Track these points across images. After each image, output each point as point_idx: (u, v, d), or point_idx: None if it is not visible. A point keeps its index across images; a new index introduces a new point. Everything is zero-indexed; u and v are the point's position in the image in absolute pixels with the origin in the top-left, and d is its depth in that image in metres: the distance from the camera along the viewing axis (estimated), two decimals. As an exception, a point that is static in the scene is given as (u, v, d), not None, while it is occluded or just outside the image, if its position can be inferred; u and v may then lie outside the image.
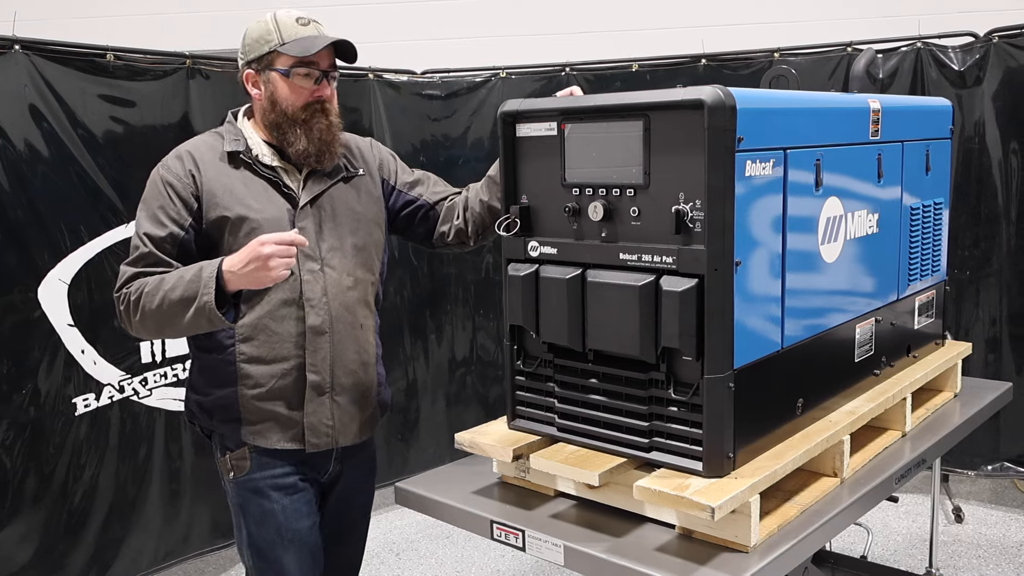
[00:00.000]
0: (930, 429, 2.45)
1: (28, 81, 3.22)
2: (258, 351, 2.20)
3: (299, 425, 2.24)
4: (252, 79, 2.23)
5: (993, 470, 4.22)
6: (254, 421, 2.22)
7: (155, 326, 2.12)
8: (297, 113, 2.19)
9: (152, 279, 2.10)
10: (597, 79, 4.61)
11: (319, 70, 2.21)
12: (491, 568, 3.95)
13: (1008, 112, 4.04)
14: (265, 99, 2.21)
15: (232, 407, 2.22)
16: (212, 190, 2.16)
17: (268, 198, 2.20)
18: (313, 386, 2.23)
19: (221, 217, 2.16)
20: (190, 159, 2.18)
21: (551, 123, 1.98)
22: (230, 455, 2.25)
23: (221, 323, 2.05)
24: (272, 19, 2.20)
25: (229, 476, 2.26)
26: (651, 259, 1.84)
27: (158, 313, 2.07)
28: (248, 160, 2.21)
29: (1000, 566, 3.75)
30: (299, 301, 2.21)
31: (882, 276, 2.37)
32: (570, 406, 2.04)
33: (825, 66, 4.29)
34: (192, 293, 2.03)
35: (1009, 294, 4.13)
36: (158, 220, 2.14)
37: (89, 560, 3.42)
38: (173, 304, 2.05)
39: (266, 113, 2.22)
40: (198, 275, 2.04)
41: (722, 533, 1.81)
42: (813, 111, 2.07)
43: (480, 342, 4.87)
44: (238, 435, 2.23)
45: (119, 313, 2.16)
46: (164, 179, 2.17)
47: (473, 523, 2.06)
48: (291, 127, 2.19)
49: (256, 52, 2.21)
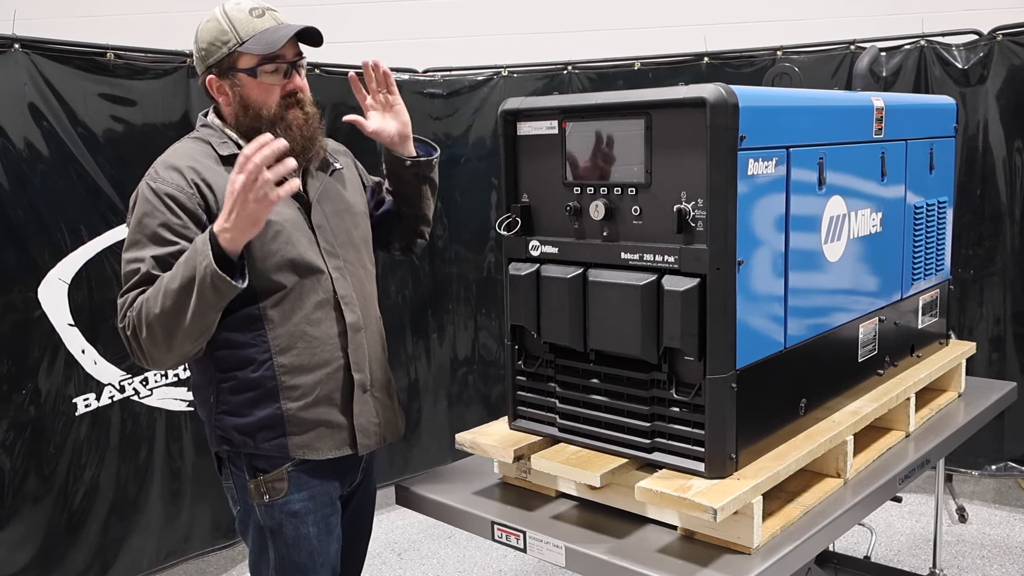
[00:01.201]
0: (934, 429, 2.44)
1: (28, 80, 3.21)
2: (299, 359, 2.07)
3: (348, 429, 2.14)
4: (216, 84, 2.08)
5: (997, 470, 4.20)
6: (302, 433, 2.09)
7: (164, 332, 1.90)
8: (274, 112, 2.06)
9: (151, 288, 1.92)
10: (599, 77, 4.60)
11: (286, 62, 2.08)
12: (493, 568, 3.94)
13: (1012, 110, 4.02)
14: (235, 104, 2.07)
15: (278, 424, 2.07)
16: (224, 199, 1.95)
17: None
18: (359, 385, 2.15)
19: None
20: (189, 169, 2.01)
21: (552, 121, 1.97)
22: (264, 478, 2.09)
23: (230, 288, 1.85)
24: (223, 16, 2.05)
25: (264, 500, 2.10)
26: (653, 258, 1.83)
27: (163, 315, 1.87)
28: None
29: (1004, 566, 3.73)
30: (334, 300, 2.11)
31: (886, 275, 2.36)
32: (571, 406, 2.03)
33: (828, 64, 4.28)
34: (191, 271, 1.84)
35: (1013, 293, 4.11)
36: (161, 238, 1.95)
37: (90, 560, 3.42)
38: (175, 293, 1.85)
39: (239, 118, 2.08)
40: (192, 251, 1.87)
41: (724, 534, 1.80)
42: (816, 109, 2.05)
43: (482, 341, 4.86)
44: (284, 452, 2.08)
45: (128, 344, 1.96)
46: (163, 192, 1.97)
47: (474, 524, 2.05)
48: (270, 128, 2.02)
49: (215, 56, 2.05)
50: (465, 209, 4.66)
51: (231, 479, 2.17)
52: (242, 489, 2.14)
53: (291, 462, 2.11)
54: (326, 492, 2.17)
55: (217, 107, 2.16)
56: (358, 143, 2.55)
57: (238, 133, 2.11)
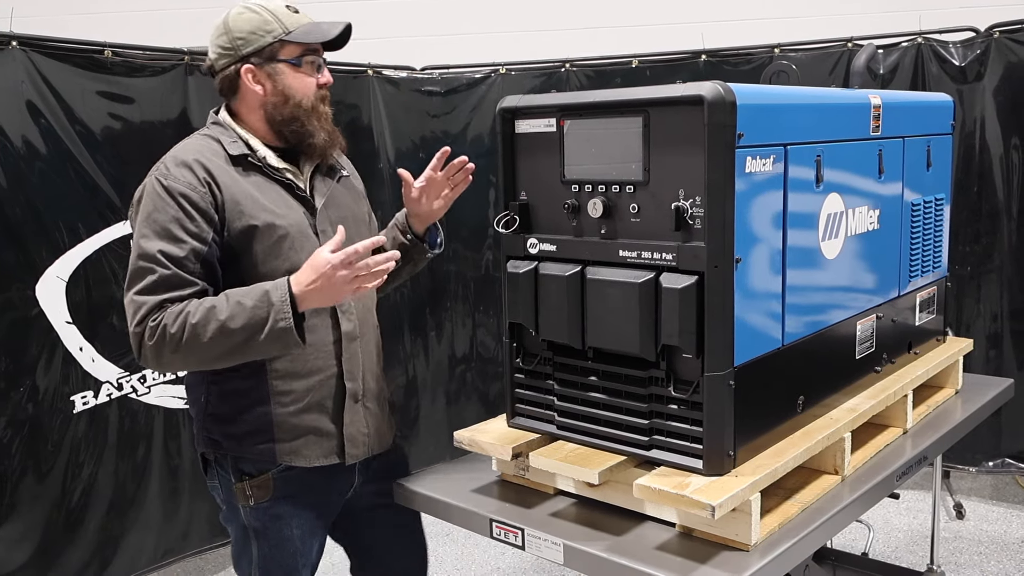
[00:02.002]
0: (931, 426, 2.44)
1: (26, 77, 3.21)
2: (292, 365, 2.06)
3: (337, 437, 2.13)
4: (253, 74, 2.06)
5: (994, 466, 4.21)
6: (290, 439, 2.09)
7: (201, 360, 1.93)
8: (313, 103, 2.09)
9: (193, 309, 1.89)
10: (597, 75, 4.60)
11: (320, 57, 2.13)
12: (492, 566, 3.95)
13: (1009, 107, 4.03)
14: (273, 94, 2.07)
15: (267, 428, 2.07)
16: (234, 198, 1.99)
17: (285, 202, 2.07)
18: (351, 394, 2.14)
19: (249, 226, 1.99)
20: (200, 167, 1.98)
21: (550, 119, 1.97)
22: (248, 482, 2.09)
23: (296, 347, 1.92)
24: (263, 9, 2.06)
25: (249, 503, 2.10)
26: (651, 256, 1.83)
27: (212, 345, 1.88)
28: (256, 163, 2.06)
29: (1001, 562, 3.74)
30: (331, 308, 2.09)
31: (883, 272, 2.36)
32: (570, 404, 2.03)
33: (826, 62, 4.28)
34: (259, 319, 1.87)
35: (1010, 290, 4.12)
36: (173, 236, 1.93)
37: (88, 558, 3.42)
38: (234, 333, 1.87)
39: (276, 108, 2.07)
40: (263, 300, 1.89)
41: (723, 531, 1.80)
42: (813, 107, 2.06)
43: (480, 339, 4.86)
44: (272, 457, 2.08)
45: (142, 349, 1.93)
46: (174, 190, 1.95)
47: (472, 521, 2.05)
48: (308, 119, 2.08)
49: (255, 44, 2.04)
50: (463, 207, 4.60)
51: (216, 479, 2.17)
52: (227, 490, 2.14)
53: (277, 468, 2.10)
54: (313, 497, 2.16)
55: (229, 104, 2.14)
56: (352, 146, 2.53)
57: (270, 126, 2.10)
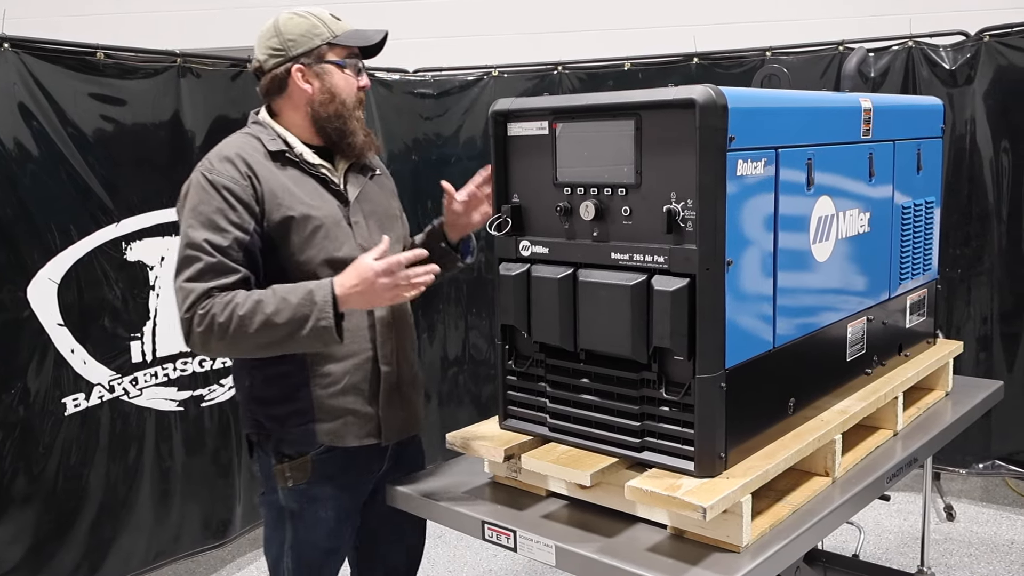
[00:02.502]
0: (921, 428, 2.45)
1: (17, 79, 3.20)
2: (329, 348, 2.16)
3: (375, 419, 2.24)
4: (304, 73, 2.20)
5: (984, 468, 4.22)
6: (330, 420, 2.20)
7: (246, 348, 2.07)
8: (354, 103, 2.24)
9: (240, 301, 2.02)
10: (589, 78, 4.61)
11: (360, 62, 2.27)
12: (484, 568, 3.95)
13: (999, 111, 4.05)
14: (321, 92, 2.20)
15: (307, 410, 2.19)
16: (272, 190, 2.12)
17: (320, 195, 2.19)
18: (386, 377, 2.25)
19: (286, 217, 2.12)
20: (241, 162, 2.12)
21: (542, 122, 1.98)
22: (288, 463, 2.20)
23: (335, 344, 2.04)
24: (310, 14, 2.22)
25: (287, 484, 2.21)
26: (643, 259, 1.84)
27: (257, 336, 2.01)
28: (294, 159, 2.19)
29: (991, 564, 3.76)
30: None
31: (874, 275, 2.37)
32: (562, 406, 2.04)
33: (817, 65, 4.30)
34: (303, 316, 2.00)
35: (1000, 293, 4.13)
36: (217, 226, 2.06)
37: (79, 560, 3.41)
38: (278, 327, 2.00)
39: (323, 107, 2.20)
40: (307, 299, 2.01)
41: (714, 533, 1.81)
42: (804, 110, 2.06)
43: (472, 341, 4.86)
44: (312, 438, 2.19)
45: (192, 335, 2.07)
46: (218, 183, 2.08)
47: (464, 523, 2.05)
48: (350, 118, 2.22)
49: (305, 46, 2.19)
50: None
51: (259, 462, 2.29)
52: (267, 472, 2.26)
53: (316, 449, 2.20)
54: (348, 480, 2.26)
55: (271, 105, 2.27)
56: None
57: (314, 124, 2.22)
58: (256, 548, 4.23)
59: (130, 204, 3.51)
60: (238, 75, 3.89)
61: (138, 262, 3.56)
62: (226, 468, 3.90)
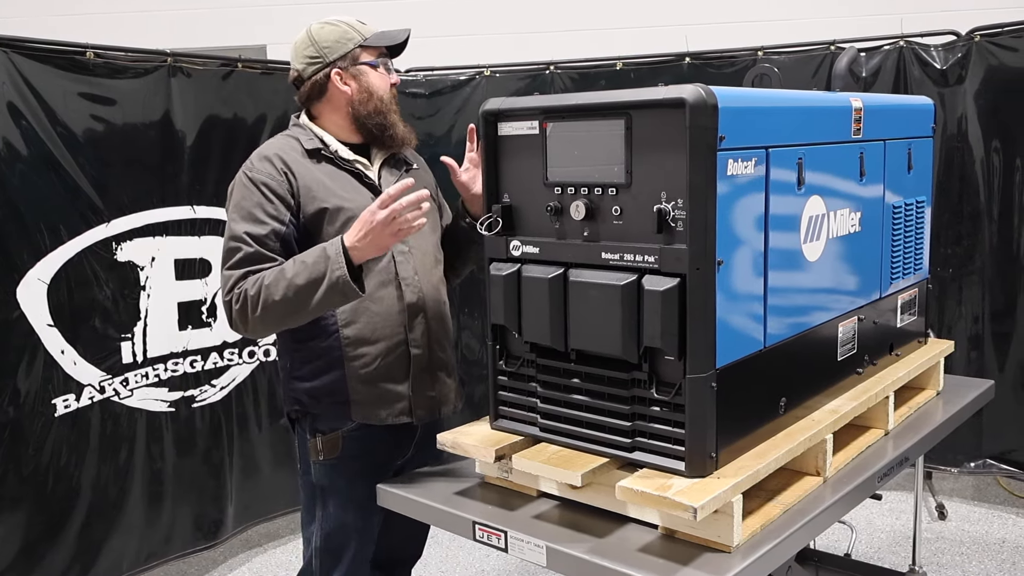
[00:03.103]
0: (912, 427, 2.46)
1: (7, 79, 3.19)
2: (362, 332, 2.31)
3: (406, 399, 2.36)
4: (342, 75, 2.35)
5: (976, 467, 4.24)
6: (363, 400, 2.33)
7: (278, 317, 2.18)
8: (390, 98, 2.40)
9: (268, 273, 2.17)
10: (581, 77, 4.60)
11: (390, 60, 2.44)
12: (476, 568, 3.95)
13: (990, 110, 4.06)
14: (359, 92, 2.36)
15: (341, 389, 2.33)
16: (307, 185, 2.28)
17: (355, 189, 2.34)
18: (417, 360, 2.37)
19: (320, 209, 2.27)
20: (279, 160, 2.29)
21: (533, 122, 1.97)
22: (321, 438, 2.34)
23: (354, 295, 2.13)
24: (340, 22, 2.38)
25: (319, 458, 2.35)
26: (633, 258, 1.84)
27: (283, 303, 2.14)
28: (329, 155, 2.35)
29: (983, 562, 3.76)
30: (396, 280, 2.35)
31: (865, 274, 2.38)
32: (553, 406, 2.03)
33: (808, 64, 4.30)
34: (319, 273, 2.11)
35: (991, 292, 4.14)
36: (256, 219, 2.23)
37: (70, 562, 3.40)
38: (300, 289, 2.12)
39: (362, 105, 2.36)
40: (322, 255, 2.13)
41: (705, 533, 1.80)
42: (795, 110, 2.06)
43: (465, 341, 4.85)
44: (345, 416, 2.33)
45: (232, 315, 2.22)
46: (257, 180, 2.25)
47: (455, 524, 2.05)
48: (388, 112, 2.39)
49: (340, 51, 2.36)
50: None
51: (298, 438, 2.45)
52: (303, 447, 2.41)
53: (348, 426, 2.34)
54: (378, 459, 2.38)
55: (310, 109, 2.43)
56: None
57: (355, 122, 2.38)
58: (248, 549, 4.23)
59: (120, 204, 3.50)
60: (229, 75, 3.88)
61: (128, 262, 3.54)
62: (217, 469, 3.89)
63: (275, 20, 5.86)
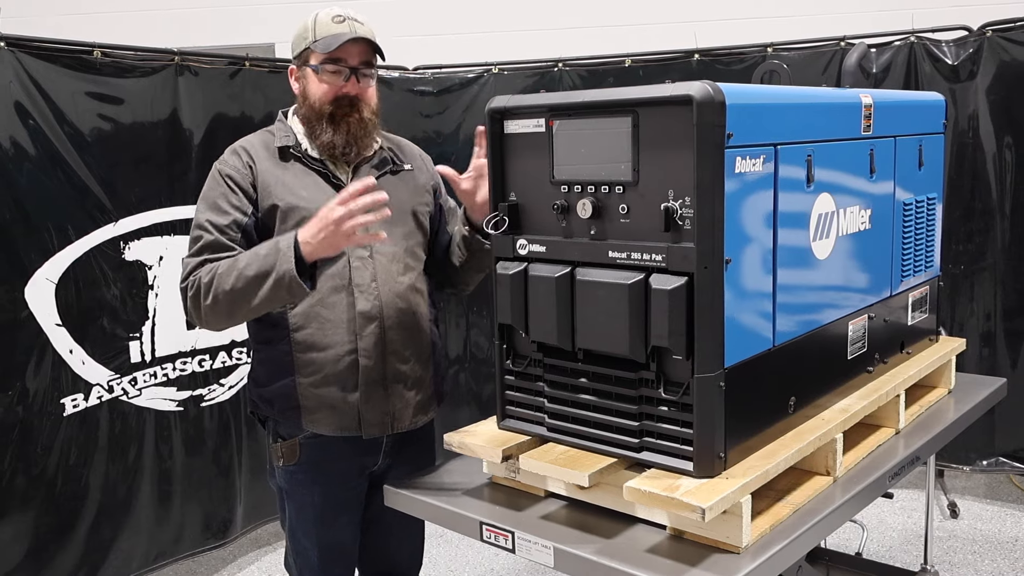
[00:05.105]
0: (924, 426, 2.44)
1: (14, 78, 3.19)
2: (312, 338, 2.27)
3: (355, 412, 2.30)
4: (294, 74, 2.37)
5: (988, 465, 4.21)
6: (312, 409, 2.29)
7: (227, 307, 2.15)
8: (324, 107, 2.29)
9: (223, 263, 2.15)
10: (590, 75, 4.59)
11: (348, 67, 2.29)
12: (485, 567, 3.94)
13: (1002, 106, 4.03)
14: (300, 94, 2.35)
15: (291, 395, 2.29)
16: (266, 181, 2.27)
17: (318, 188, 2.29)
18: (366, 372, 2.29)
19: (272, 206, 2.25)
20: (245, 153, 2.30)
21: (539, 119, 1.96)
22: (281, 443, 2.33)
23: (300, 291, 2.09)
24: (313, 17, 2.31)
25: (279, 464, 2.35)
26: (640, 257, 1.82)
27: (232, 293, 2.12)
28: (298, 154, 2.32)
29: (995, 561, 3.74)
30: (349, 287, 2.28)
31: (875, 272, 2.35)
32: (560, 406, 2.02)
33: (818, 61, 4.28)
34: (268, 266, 2.08)
35: (1003, 289, 4.11)
36: (219, 208, 2.23)
37: (79, 561, 3.41)
38: (249, 280, 2.10)
39: (301, 107, 2.34)
40: (274, 248, 2.10)
41: (713, 534, 1.79)
42: (804, 106, 2.04)
43: (474, 339, 4.85)
44: (298, 423, 2.30)
45: (186, 303, 2.22)
46: (223, 172, 2.27)
47: (462, 524, 2.04)
48: (317, 120, 2.30)
49: (297, 49, 2.35)
50: (455, 207, 4.65)
51: (266, 439, 2.44)
52: (268, 449, 2.41)
53: (304, 434, 2.31)
54: (335, 468, 2.34)
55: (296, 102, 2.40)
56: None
57: (303, 123, 2.35)
58: (257, 548, 4.23)
59: (128, 203, 3.51)
60: (236, 73, 3.88)
61: (136, 262, 3.55)
62: (226, 468, 3.90)
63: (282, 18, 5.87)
